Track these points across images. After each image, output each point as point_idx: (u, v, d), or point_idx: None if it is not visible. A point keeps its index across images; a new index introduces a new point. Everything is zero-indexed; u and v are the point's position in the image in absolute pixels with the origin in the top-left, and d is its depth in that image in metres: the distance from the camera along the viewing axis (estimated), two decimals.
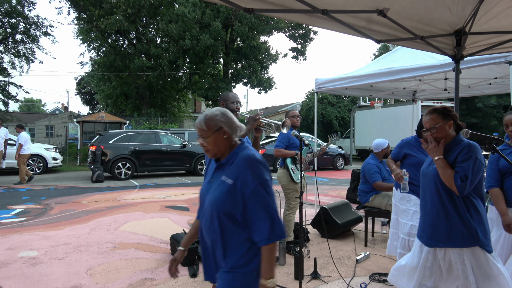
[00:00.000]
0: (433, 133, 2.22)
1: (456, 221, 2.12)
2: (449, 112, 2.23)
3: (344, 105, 26.46)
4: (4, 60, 22.41)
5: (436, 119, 2.21)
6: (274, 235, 1.57)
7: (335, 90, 6.23)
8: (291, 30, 23.93)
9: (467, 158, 2.11)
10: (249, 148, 1.74)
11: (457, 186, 2.07)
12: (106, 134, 11.88)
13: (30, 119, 33.86)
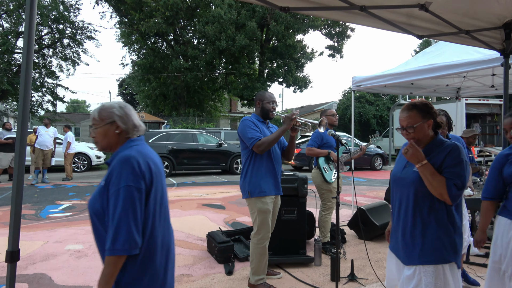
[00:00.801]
0: (410, 133, 1.94)
1: (435, 234, 1.85)
2: (429, 110, 1.96)
3: (382, 104, 25.72)
4: (52, 63, 23.79)
5: (415, 117, 1.94)
6: (114, 248, 1.36)
7: (373, 88, 6.06)
8: (327, 27, 23.59)
9: (458, 162, 1.84)
10: (134, 148, 1.56)
11: (452, 196, 1.80)
12: (146, 133, 12.28)
13: (76, 119, 35.66)
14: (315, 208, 4.86)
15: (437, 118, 1.99)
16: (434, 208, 1.87)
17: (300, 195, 3.92)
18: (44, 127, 10.29)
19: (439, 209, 1.87)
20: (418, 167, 1.87)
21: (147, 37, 22.50)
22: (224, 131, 16.40)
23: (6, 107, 26.37)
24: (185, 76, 22.27)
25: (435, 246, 1.84)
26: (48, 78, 23.43)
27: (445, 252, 1.84)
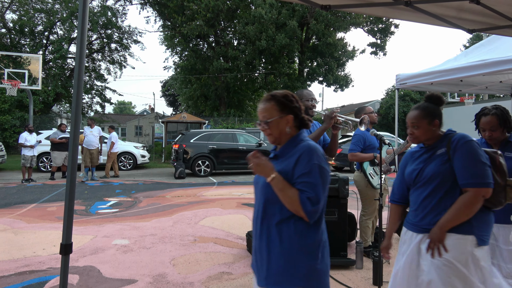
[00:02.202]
0: (265, 129, 1.66)
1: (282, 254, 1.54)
2: (289, 103, 1.65)
3: None
4: (101, 67, 25.10)
5: (271, 110, 1.63)
6: None
7: (418, 86, 5.81)
8: (370, 24, 22.97)
9: (310, 169, 1.51)
10: None
11: (307, 213, 1.49)
12: (188, 133, 12.62)
13: (122, 120, 37.34)
14: (357, 210, 4.74)
15: (301, 114, 1.69)
16: (284, 221, 1.55)
17: (341, 196, 3.85)
18: (89, 127, 10.86)
19: (291, 223, 1.54)
20: (268, 181, 1.55)
21: (189, 39, 23.08)
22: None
23: (60, 108, 28.13)
24: (226, 77, 22.59)
25: (281, 268, 1.53)
26: (97, 81, 24.74)
27: (292, 276, 1.52)
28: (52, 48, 22.48)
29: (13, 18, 21.81)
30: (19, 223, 5.62)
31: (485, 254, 1.88)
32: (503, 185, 1.91)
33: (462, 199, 1.85)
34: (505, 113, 2.43)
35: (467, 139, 1.92)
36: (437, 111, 2.05)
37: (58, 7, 21.84)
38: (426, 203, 1.98)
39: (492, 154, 1.98)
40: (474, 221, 1.86)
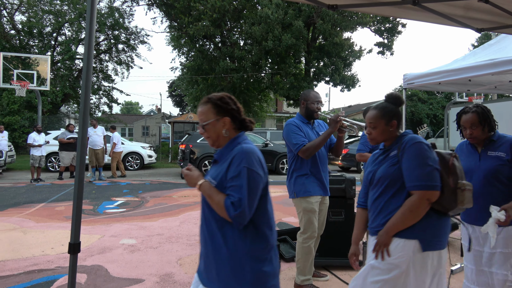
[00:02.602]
0: (203, 132, 1.68)
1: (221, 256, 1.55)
2: (225, 105, 1.65)
3: (436, 102, 24.45)
4: (108, 68, 25.29)
5: (208, 113, 1.64)
6: None
7: (426, 85, 5.77)
8: (377, 24, 22.84)
9: (238, 172, 1.50)
10: None
11: (231, 218, 1.48)
12: (194, 133, 12.66)
13: (129, 120, 37.56)
14: None
15: (240, 116, 1.69)
16: (227, 226, 1.54)
17: (348, 197, 3.83)
18: (92, 128, 10.93)
19: (235, 228, 1.53)
20: (197, 189, 1.59)
21: (195, 40, 23.13)
22: (270, 131, 16.45)
23: (68, 109, 28.40)
24: (232, 77, 22.62)
25: (228, 273, 1.53)
26: (104, 82, 24.94)
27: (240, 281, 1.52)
28: (60, 49, 22.71)
29: (22, 20, 22.07)
30: (28, 222, 5.69)
31: (433, 260, 1.80)
32: (453, 188, 1.81)
33: (407, 203, 1.80)
34: (486, 111, 2.38)
35: (415, 141, 1.86)
36: (395, 112, 2.00)
37: (66, 9, 22.04)
38: (375, 205, 1.95)
39: (445, 156, 1.89)
40: (418, 225, 1.80)
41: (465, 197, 1.82)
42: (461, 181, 1.84)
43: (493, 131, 2.40)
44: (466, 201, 1.82)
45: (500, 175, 2.31)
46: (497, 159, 2.33)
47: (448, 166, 1.85)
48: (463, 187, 1.82)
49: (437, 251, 1.82)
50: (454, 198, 1.81)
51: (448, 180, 1.82)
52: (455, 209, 1.85)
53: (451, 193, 1.81)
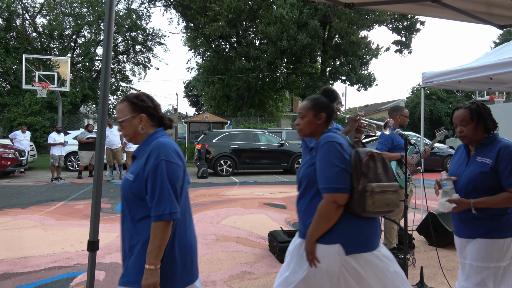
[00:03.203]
0: (121, 130, 1.70)
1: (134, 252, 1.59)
2: (141, 103, 1.69)
3: (456, 101, 23.91)
4: (126, 68, 25.71)
5: (124, 110, 1.68)
6: None
7: (445, 84, 5.65)
8: (394, 22, 22.51)
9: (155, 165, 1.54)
10: None
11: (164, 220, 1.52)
12: (210, 133, 12.74)
13: None
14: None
15: (158, 113, 1.72)
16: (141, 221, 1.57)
17: None
18: (108, 128, 11.06)
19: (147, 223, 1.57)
20: None
21: (211, 40, 23.29)
22: (285, 131, 16.40)
23: (87, 109, 28.98)
24: (247, 77, 22.67)
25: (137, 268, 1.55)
26: (122, 82, 25.35)
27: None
28: (79, 51, 23.21)
29: (43, 23, 22.65)
30: (49, 220, 5.83)
31: (360, 262, 1.73)
32: (361, 191, 1.69)
33: (318, 207, 1.73)
34: (482, 109, 2.14)
35: (326, 140, 1.78)
36: (326, 105, 1.92)
37: (85, 11, 22.51)
38: (299, 207, 1.90)
39: (361, 155, 1.76)
40: (337, 229, 1.73)
41: (375, 201, 1.69)
42: (371, 184, 1.70)
43: (489, 133, 2.15)
44: (377, 204, 1.69)
45: (480, 184, 2.06)
46: (480, 166, 2.08)
47: (360, 167, 1.73)
48: (372, 190, 1.68)
49: (365, 253, 1.74)
50: (363, 202, 1.69)
51: (358, 182, 1.71)
52: (368, 213, 1.71)
53: (360, 196, 1.69)
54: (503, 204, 2.01)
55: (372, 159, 1.77)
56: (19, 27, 21.50)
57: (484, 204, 2.03)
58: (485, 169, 2.05)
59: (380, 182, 1.74)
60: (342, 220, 1.73)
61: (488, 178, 2.04)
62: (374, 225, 1.83)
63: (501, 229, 2.02)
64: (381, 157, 1.84)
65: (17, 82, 18.88)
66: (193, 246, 1.70)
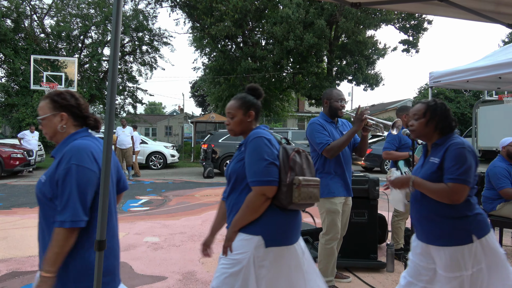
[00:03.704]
0: (41, 128, 1.66)
1: None
2: (63, 101, 1.64)
3: (464, 100, 23.70)
4: (133, 69, 25.85)
5: (45, 108, 1.64)
6: None
7: (453, 83, 5.60)
8: (402, 21, 22.35)
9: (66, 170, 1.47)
10: None
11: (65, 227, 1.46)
12: (216, 133, 12.76)
13: (153, 120, 38.24)
14: (387, 212, 4.63)
15: (82, 112, 1.68)
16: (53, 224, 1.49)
17: (371, 197, 3.77)
18: (121, 127, 11.13)
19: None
20: None
21: (217, 40, 23.32)
22: (291, 131, 16.38)
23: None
24: (253, 77, 22.67)
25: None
26: (129, 83, 25.51)
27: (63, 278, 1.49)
28: (87, 52, 23.39)
29: (51, 24, 22.86)
30: None
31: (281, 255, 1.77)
32: (289, 183, 1.75)
33: (247, 198, 1.77)
34: (439, 107, 2.08)
35: (256, 136, 1.81)
36: (254, 103, 1.95)
37: (93, 12, 22.67)
38: (228, 202, 1.92)
39: (288, 151, 1.83)
40: (261, 221, 1.77)
41: (301, 193, 1.75)
42: (298, 177, 1.76)
43: (444, 134, 2.07)
44: (302, 196, 1.75)
45: None
46: (430, 167, 2.04)
47: (288, 162, 1.79)
48: (298, 183, 1.75)
49: (285, 247, 1.79)
50: (290, 194, 1.75)
51: (286, 175, 1.77)
52: (294, 205, 1.78)
53: (287, 188, 1.75)
54: (436, 193, 1.95)
55: (298, 155, 1.84)
56: (27, 28, 21.72)
57: (422, 185, 1.99)
58: (434, 169, 2.01)
59: (305, 176, 1.81)
60: (267, 213, 1.78)
61: (439, 178, 1.98)
62: (297, 219, 1.90)
63: (457, 235, 1.93)
64: (305, 154, 1.91)
65: (26, 83, 19.08)
66: (117, 252, 1.65)
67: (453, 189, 1.90)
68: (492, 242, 1.95)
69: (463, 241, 1.91)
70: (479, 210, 2.01)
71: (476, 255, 1.90)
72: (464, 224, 1.94)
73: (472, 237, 1.91)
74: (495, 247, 1.96)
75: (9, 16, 20.84)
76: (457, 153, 1.94)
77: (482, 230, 1.94)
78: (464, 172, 1.91)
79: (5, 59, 21.09)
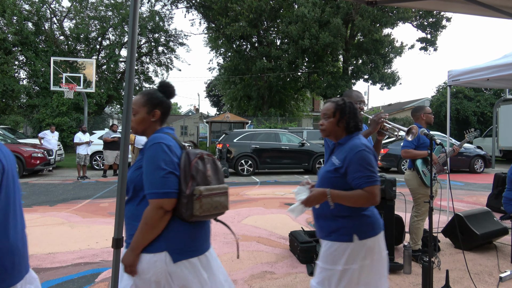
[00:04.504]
0: None
1: None
2: None
3: (484, 99, 23.11)
4: (149, 69, 26.19)
5: None
6: None
7: (473, 82, 5.47)
8: (419, 19, 21.98)
9: None
10: None
11: None
12: (231, 133, 12.81)
13: (169, 120, 38.38)
14: (404, 213, 4.56)
15: None
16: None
17: (388, 198, 3.72)
18: None
19: None
20: None
21: (232, 40, 23.42)
22: (306, 131, 16.32)
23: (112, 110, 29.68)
24: (268, 77, 22.65)
25: None
26: (145, 83, 25.84)
27: None
28: (104, 53, 23.81)
29: (70, 26, 23.36)
30: (75, 218, 6.01)
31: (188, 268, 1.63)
32: (190, 194, 1.59)
33: (144, 214, 1.58)
34: (349, 106, 2.02)
35: (154, 142, 1.63)
36: (162, 101, 1.79)
37: (110, 14, 23.06)
38: (126, 211, 1.71)
39: (190, 157, 1.66)
40: (164, 236, 1.61)
41: (203, 205, 1.60)
42: (198, 188, 1.60)
43: (349, 133, 2.03)
44: (204, 208, 1.60)
45: (327, 184, 1.96)
46: (328, 166, 2.02)
47: (189, 170, 1.63)
48: (199, 194, 1.59)
49: (194, 258, 1.67)
50: (191, 206, 1.59)
51: (187, 186, 1.61)
52: (196, 217, 1.61)
53: (188, 200, 1.59)
54: (356, 201, 1.87)
55: (201, 161, 1.68)
56: (47, 31, 22.25)
57: (340, 196, 1.88)
58: (331, 168, 1.98)
59: (209, 185, 1.66)
60: (169, 226, 1.62)
61: (334, 178, 1.95)
62: (204, 228, 1.77)
63: (340, 232, 1.92)
64: (212, 159, 1.76)
65: (46, 84, 19.55)
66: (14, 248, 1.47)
67: (370, 192, 1.85)
68: (374, 245, 1.92)
69: (343, 239, 1.90)
70: (369, 212, 1.96)
71: (352, 254, 1.88)
72: (348, 223, 1.92)
73: (352, 237, 1.89)
74: (377, 251, 1.92)
75: (30, 19, 21.39)
76: (360, 157, 1.88)
77: (365, 232, 1.91)
78: (372, 172, 1.88)
79: (27, 61, 21.66)
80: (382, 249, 1.96)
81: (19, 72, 23.05)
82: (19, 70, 23.01)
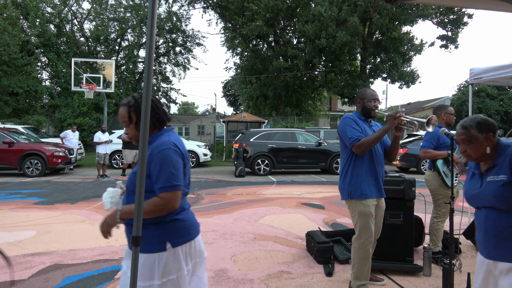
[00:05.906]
0: None
1: None
2: None
3: (508, 98, 22.45)
4: (166, 69, 26.51)
5: None
6: None
7: (496, 80, 5.32)
8: (440, 15, 21.51)
9: None
10: None
11: None
12: (248, 132, 12.83)
13: (186, 119, 38.99)
14: (424, 214, 4.47)
15: None
16: None
17: (407, 198, 3.65)
18: None
19: None
20: None
21: (249, 40, 23.44)
22: (323, 130, 16.19)
23: None
24: (285, 76, 22.59)
25: None
26: (163, 83, 26.17)
27: None
28: (123, 54, 24.23)
29: (90, 28, 23.88)
30: (95, 215, 6.13)
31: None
32: None
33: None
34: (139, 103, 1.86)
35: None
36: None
37: (129, 16, 23.45)
38: None
39: None
40: None
41: None
42: None
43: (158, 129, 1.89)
44: None
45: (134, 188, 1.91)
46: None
47: None
48: None
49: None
50: None
51: None
52: None
53: None
54: (152, 211, 1.71)
55: None
56: (68, 33, 22.80)
57: (132, 211, 1.68)
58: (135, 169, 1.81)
59: None
60: None
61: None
62: None
63: (154, 242, 1.74)
64: None
65: (67, 85, 20.04)
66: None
67: (166, 199, 1.71)
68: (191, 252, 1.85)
69: (156, 249, 1.74)
70: (181, 216, 1.84)
71: (167, 265, 1.74)
72: (159, 230, 1.76)
73: (165, 245, 1.75)
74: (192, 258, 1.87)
75: (52, 22, 21.96)
76: (161, 157, 1.73)
77: (179, 238, 1.79)
78: (172, 176, 1.72)
79: (49, 63, 22.25)
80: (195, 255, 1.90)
81: (41, 73, 23.73)
82: (42, 71, 23.69)
